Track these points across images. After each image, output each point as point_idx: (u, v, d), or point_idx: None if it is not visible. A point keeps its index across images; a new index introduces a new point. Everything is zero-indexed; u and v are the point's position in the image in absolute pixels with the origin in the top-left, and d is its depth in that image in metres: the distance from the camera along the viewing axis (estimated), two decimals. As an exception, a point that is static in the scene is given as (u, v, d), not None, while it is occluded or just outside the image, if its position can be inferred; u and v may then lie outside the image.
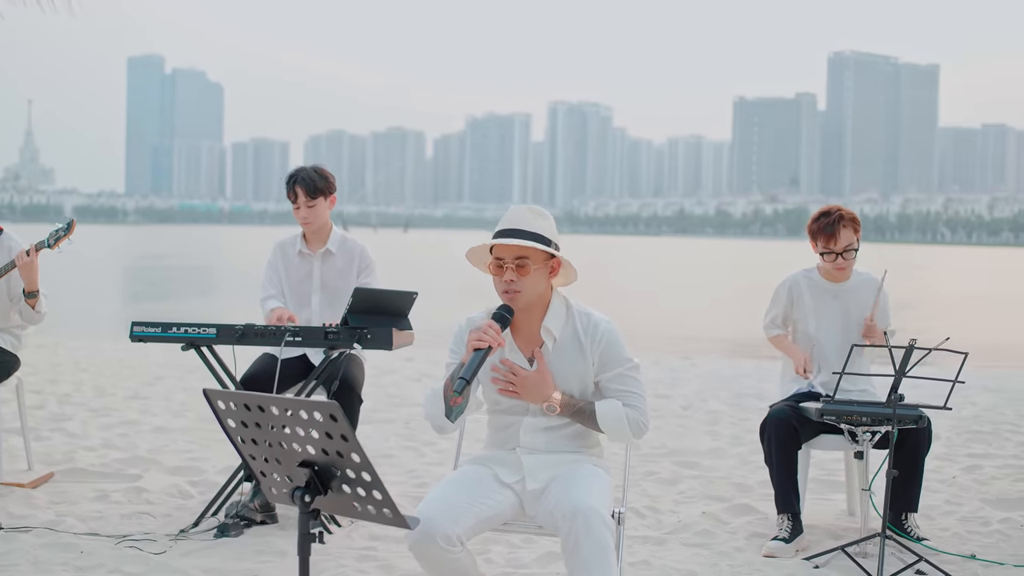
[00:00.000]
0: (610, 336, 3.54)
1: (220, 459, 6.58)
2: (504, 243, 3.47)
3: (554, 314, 3.56)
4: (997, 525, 5.46)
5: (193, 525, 4.99)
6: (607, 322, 3.57)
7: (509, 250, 3.48)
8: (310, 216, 5.43)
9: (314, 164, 5.55)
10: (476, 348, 3.35)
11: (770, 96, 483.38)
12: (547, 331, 3.55)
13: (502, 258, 3.49)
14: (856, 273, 5.42)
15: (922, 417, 4.71)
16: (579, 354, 3.54)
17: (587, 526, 3.18)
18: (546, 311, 3.57)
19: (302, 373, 5.43)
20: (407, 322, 4.99)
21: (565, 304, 3.60)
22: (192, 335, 4.96)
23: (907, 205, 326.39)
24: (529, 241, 3.46)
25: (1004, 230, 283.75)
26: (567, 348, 3.55)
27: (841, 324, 5.36)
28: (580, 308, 3.60)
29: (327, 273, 5.53)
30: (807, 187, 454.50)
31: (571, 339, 3.55)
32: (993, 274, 50.05)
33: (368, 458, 2.74)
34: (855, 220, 5.27)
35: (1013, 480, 6.55)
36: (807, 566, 4.69)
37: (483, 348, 3.35)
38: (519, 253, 3.47)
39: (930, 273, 53.19)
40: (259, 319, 5.40)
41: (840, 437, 5.15)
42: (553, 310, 3.57)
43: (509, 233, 3.48)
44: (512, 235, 3.48)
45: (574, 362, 3.54)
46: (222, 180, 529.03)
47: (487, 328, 3.38)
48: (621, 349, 3.56)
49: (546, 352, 3.55)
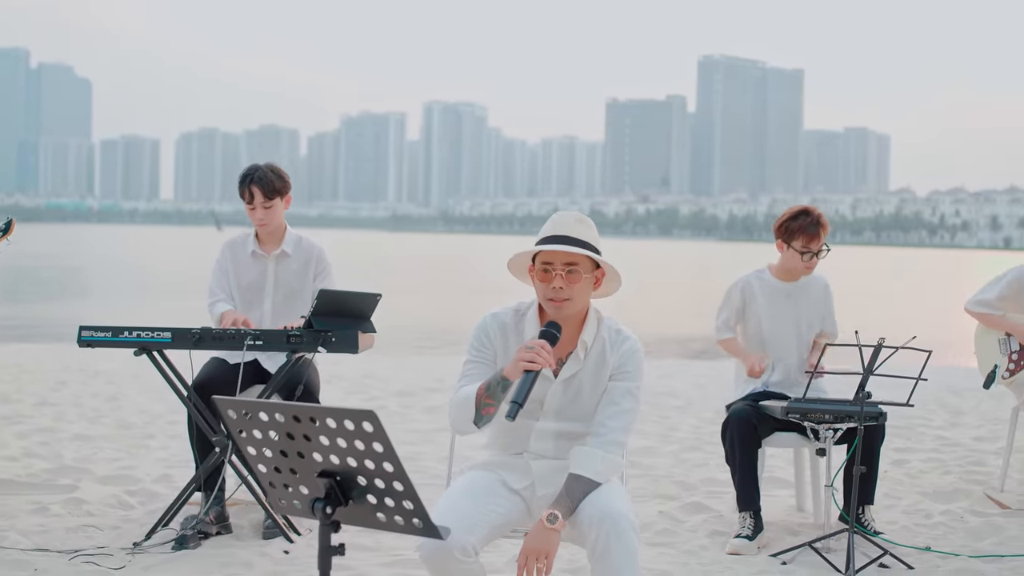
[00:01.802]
0: (633, 350, 3.49)
1: (151, 467, 6.36)
2: (556, 249, 3.38)
3: (590, 327, 3.50)
4: (939, 517, 5.61)
5: (145, 538, 4.80)
6: (634, 339, 3.52)
7: (559, 256, 3.38)
8: (267, 217, 5.27)
9: (268, 162, 5.39)
10: (527, 370, 3.25)
11: (642, 98, 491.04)
12: (583, 344, 3.47)
13: (550, 264, 3.40)
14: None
15: (883, 414, 4.82)
16: (602, 368, 3.48)
17: (617, 531, 3.14)
18: (583, 324, 3.50)
19: (254, 378, 5.27)
20: (370, 324, 4.89)
21: (597, 317, 3.54)
22: (145, 339, 4.77)
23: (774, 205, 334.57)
24: (581, 249, 3.39)
25: (866, 230, 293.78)
26: (592, 363, 3.49)
27: (794, 323, 5.44)
28: (611, 323, 3.54)
29: (282, 275, 5.38)
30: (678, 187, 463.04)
31: (597, 355, 3.49)
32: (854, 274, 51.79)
33: (403, 467, 2.66)
34: (827, 222, 5.39)
35: (940, 473, 6.74)
36: (775, 563, 4.74)
37: (535, 370, 3.25)
38: (570, 260, 3.38)
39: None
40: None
41: (795, 435, 5.25)
42: (589, 323, 3.50)
43: (559, 240, 3.40)
44: (562, 242, 3.39)
45: (596, 380, 3.48)
46: (90, 178, 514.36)
47: (540, 350, 3.25)
48: (639, 366, 3.51)
49: (575, 362, 3.47)
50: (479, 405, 3.33)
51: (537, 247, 3.43)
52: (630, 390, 3.48)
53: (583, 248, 3.37)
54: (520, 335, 3.50)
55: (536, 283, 3.46)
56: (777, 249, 5.49)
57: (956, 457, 7.27)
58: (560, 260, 3.39)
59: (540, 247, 3.42)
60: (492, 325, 3.54)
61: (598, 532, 3.16)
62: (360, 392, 9.95)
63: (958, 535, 5.29)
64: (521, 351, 3.27)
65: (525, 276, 3.58)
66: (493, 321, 3.54)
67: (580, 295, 3.41)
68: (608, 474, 3.38)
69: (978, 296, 5.97)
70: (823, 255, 5.38)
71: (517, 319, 3.55)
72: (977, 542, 5.16)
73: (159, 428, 7.76)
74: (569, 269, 3.39)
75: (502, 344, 3.52)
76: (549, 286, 3.39)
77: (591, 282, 3.45)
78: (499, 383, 3.31)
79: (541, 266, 3.42)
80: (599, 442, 3.41)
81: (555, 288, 3.38)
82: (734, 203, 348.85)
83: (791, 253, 5.36)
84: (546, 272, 3.40)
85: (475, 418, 3.34)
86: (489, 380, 3.35)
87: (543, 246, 3.41)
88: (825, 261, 5.41)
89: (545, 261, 3.41)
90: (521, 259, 3.52)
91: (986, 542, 5.15)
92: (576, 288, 3.39)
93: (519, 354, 3.27)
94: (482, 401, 3.33)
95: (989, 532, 5.31)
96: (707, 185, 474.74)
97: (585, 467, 3.35)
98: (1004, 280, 5.91)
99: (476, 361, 3.51)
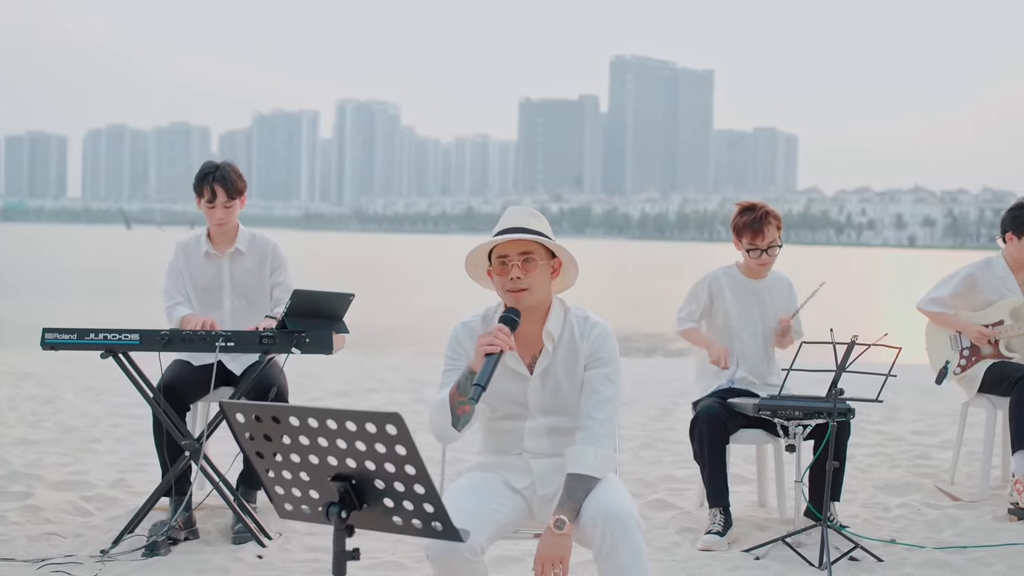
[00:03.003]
0: (604, 335, 3.51)
1: (103, 472, 6.22)
2: (509, 239, 3.40)
3: (554, 318, 3.51)
4: (897, 510, 5.72)
5: (113, 544, 4.68)
6: (604, 324, 3.54)
7: (513, 246, 3.41)
8: (226, 217, 5.18)
9: (225, 160, 5.31)
10: (488, 353, 3.26)
11: (554, 98, 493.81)
12: (548, 335, 3.48)
13: (506, 255, 3.42)
14: (770, 271, 5.56)
15: (851, 410, 4.90)
16: (575, 359, 3.49)
17: (623, 530, 3.15)
18: (547, 316, 3.51)
19: (218, 380, 5.18)
20: (343, 324, 4.83)
21: (563, 308, 3.55)
22: (112, 342, 4.65)
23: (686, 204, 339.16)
24: (533, 235, 3.40)
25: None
26: (563, 353, 3.50)
27: (760, 320, 5.50)
28: (578, 312, 3.56)
29: (238, 273, 5.29)
30: (590, 186, 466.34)
31: (568, 343, 3.50)
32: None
33: (427, 470, 2.63)
34: (778, 217, 5.40)
35: (889, 467, 6.88)
36: (748, 558, 4.79)
37: (495, 352, 3.26)
38: (524, 249, 3.41)
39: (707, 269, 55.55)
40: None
41: (760, 431, 5.32)
42: (553, 314, 3.51)
43: (512, 232, 3.42)
44: (514, 232, 3.41)
45: (569, 369, 3.49)
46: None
47: (497, 332, 3.28)
48: (612, 350, 3.52)
49: (545, 356, 3.49)
50: (453, 406, 3.34)
51: (491, 240, 3.44)
52: (608, 376, 3.49)
53: (536, 236, 3.40)
54: None
55: (495, 279, 3.48)
56: (735, 247, 5.55)
57: (900, 451, 7.42)
58: (515, 251, 3.42)
59: (494, 239, 3.43)
60: (462, 333, 3.55)
61: (604, 532, 3.16)
62: (300, 393, 9.82)
63: (919, 527, 5.39)
64: (480, 338, 3.31)
65: (485, 279, 3.59)
66: (463, 329, 3.56)
67: (538, 284, 3.43)
68: (604, 468, 3.39)
69: (931, 294, 6.10)
70: (774, 251, 5.42)
71: (485, 324, 3.57)
72: (937, 534, 5.27)
73: (103, 431, 7.59)
74: (525, 258, 3.41)
75: (472, 347, 3.51)
76: (507, 278, 3.41)
77: (548, 271, 3.47)
78: (467, 379, 3.32)
79: (498, 260, 3.45)
80: (588, 437, 3.41)
81: (512, 279, 3.40)
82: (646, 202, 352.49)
83: (743, 250, 5.42)
84: (503, 264, 3.43)
85: (452, 420, 3.34)
86: (459, 379, 3.37)
87: (497, 238, 3.43)
88: (723, 260, 5.46)
89: (501, 254, 3.44)
90: (478, 259, 3.53)
91: (946, 533, 5.26)
92: (533, 277, 3.41)
93: (478, 342, 3.30)
94: (456, 401, 3.34)
95: (947, 524, 5.43)
96: (619, 184, 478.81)
97: (581, 465, 3.35)
98: (956, 278, 6.05)
99: (452, 369, 3.52)
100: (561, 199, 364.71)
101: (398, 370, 12.26)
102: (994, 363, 5.96)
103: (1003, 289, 5.98)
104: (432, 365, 13.02)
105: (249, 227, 5.44)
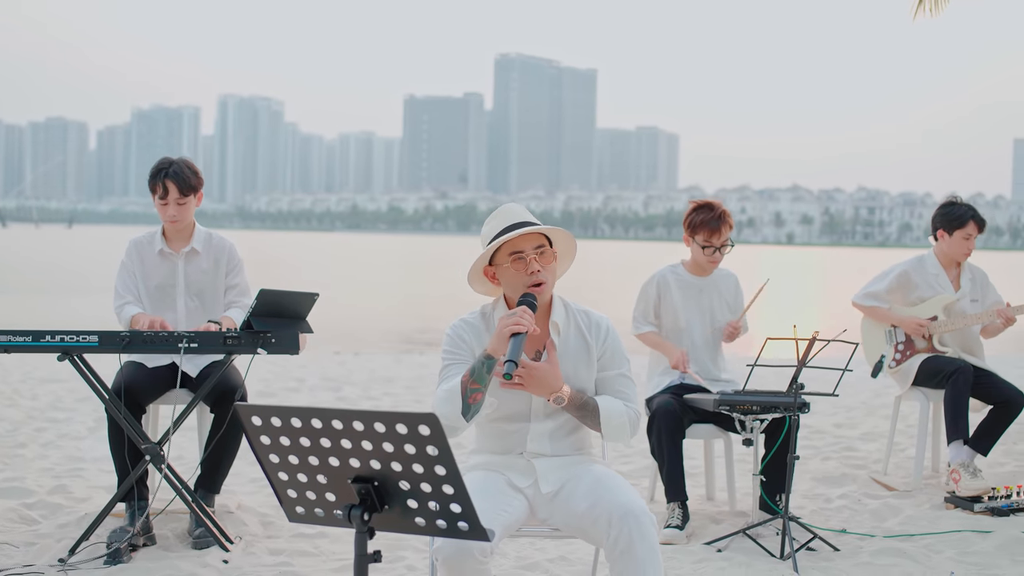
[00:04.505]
0: (614, 334, 3.56)
1: (39, 478, 6.02)
2: (524, 232, 3.40)
3: (558, 311, 3.54)
4: (839, 501, 5.88)
5: (70, 553, 4.54)
6: (608, 320, 3.58)
7: (528, 240, 3.43)
8: (180, 214, 5.08)
9: (180, 156, 5.19)
10: (515, 333, 3.27)
11: (439, 95, 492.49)
12: (555, 326, 3.51)
13: (521, 251, 3.42)
14: (716, 268, 5.67)
15: (806, 404, 5.01)
16: (584, 352, 3.52)
17: (639, 527, 3.17)
18: (550, 308, 3.53)
19: (170, 382, 5.07)
20: (307, 324, 4.76)
21: (563, 302, 3.58)
22: (70, 344, 4.50)
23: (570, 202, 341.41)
24: (541, 227, 3.43)
25: (658, 226, 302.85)
26: (571, 346, 3.52)
27: (709, 317, 5.61)
28: (577, 306, 3.59)
29: (193, 274, 5.19)
30: (475, 184, 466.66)
31: (575, 336, 3.53)
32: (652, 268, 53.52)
33: (458, 469, 2.62)
34: (730, 216, 5.53)
35: (821, 460, 7.06)
36: (710, 550, 4.87)
37: (521, 332, 3.27)
38: (538, 242, 3.44)
39: (593, 265, 56.50)
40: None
41: (710, 426, 5.43)
42: (556, 307, 3.54)
43: (519, 226, 3.43)
44: (526, 226, 3.43)
45: (579, 360, 3.52)
46: None
47: (522, 313, 3.29)
48: (622, 348, 3.58)
49: (552, 347, 3.50)
50: (465, 393, 3.33)
51: (506, 236, 3.43)
52: (624, 374, 3.56)
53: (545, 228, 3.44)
54: (491, 330, 3.51)
55: (510, 275, 3.46)
56: (685, 244, 5.65)
57: (827, 444, 7.62)
58: (530, 245, 3.43)
59: (513, 234, 3.41)
60: (463, 328, 3.55)
61: (620, 529, 3.18)
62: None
63: (864, 517, 5.55)
64: (503, 320, 3.31)
65: (483, 282, 3.59)
66: (463, 324, 3.56)
67: (551, 276, 3.48)
68: (619, 420, 3.45)
69: (867, 289, 6.28)
70: (726, 250, 5.55)
71: (485, 319, 3.57)
72: (882, 523, 5.43)
73: (27, 436, 7.35)
74: (540, 251, 3.44)
75: (476, 342, 3.53)
76: (527, 272, 3.42)
77: (555, 263, 3.50)
78: (483, 364, 3.33)
79: (513, 256, 3.44)
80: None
81: (533, 272, 3.41)
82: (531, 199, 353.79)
83: (696, 247, 5.52)
84: (520, 260, 3.43)
85: (463, 409, 3.33)
86: (472, 366, 3.36)
87: (508, 236, 3.41)
88: (624, 257, 5.58)
89: (515, 250, 3.43)
90: (478, 269, 3.53)
91: (891, 522, 5.43)
92: (549, 268, 3.46)
93: (501, 324, 3.31)
94: (468, 388, 3.33)
95: (890, 513, 5.60)
96: (504, 182, 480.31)
97: (605, 403, 3.46)
98: (892, 274, 6.24)
99: (454, 362, 3.50)
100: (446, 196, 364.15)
101: (311, 368, 12.13)
102: (928, 357, 6.17)
103: (936, 286, 6.19)
104: (341, 362, 12.92)
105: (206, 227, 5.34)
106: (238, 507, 5.36)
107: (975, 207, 6.19)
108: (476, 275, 3.58)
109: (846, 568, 4.63)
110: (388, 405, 9.33)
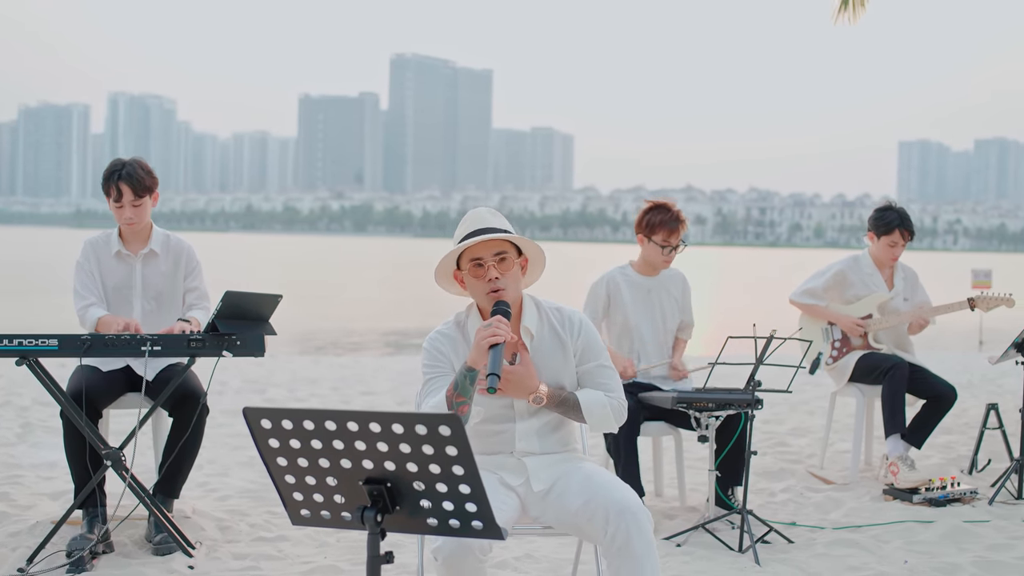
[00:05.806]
0: (588, 327, 3.60)
1: (-23, 486, 5.86)
2: (483, 240, 3.42)
3: (529, 313, 3.57)
4: (782, 495, 6.04)
5: (28, 562, 4.44)
6: (580, 314, 3.63)
7: (487, 247, 3.44)
8: (136, 216, 4.99)
9: (134, 156, 5.10)
10: (493, 344, 3.28)
11: (334, 94, 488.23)
12: (526, 330, 3.54)
13: (480, 257, 3.44)
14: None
15: (760, 401, 5.14)
16: (560, 349, 3.56)
17: (637, 523, 3.21)
18: (521, 312, 3.57)
19: (125, 385, 4.99)
20: (270, 326, 4.72)
21: (534, 303, 3.61)
22: (28, 347, 4.40)
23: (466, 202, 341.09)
24: (503, 235, 3.45)
25: (554, 226, 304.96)
26: (547, 345, 3.56)
27: (658, 316, 5.71)
28: (549, 304, 3.63)
29: (150, 276, 5.11)
30: (372, 184, 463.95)
31: (549, 335, 3.57)
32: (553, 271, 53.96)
33: (476, 468, 2.64)
34: (684, 216, 5.66)
35: (759, 455, 7.20)
36: (669, 545, 4.96)
37: (499, 343, 3.29)
38: (498, 248, 3.45)
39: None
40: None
41: (662, 423, 5.53)
42: (527, 310, 3.57)
43: (481, 232, 3.45)
44: (484, 233, 3.44)
45: (556, 358, 3.55)
46: None
47: (497, 323, 3.31)
48: (598, 340, 3.62)
49: (524, 351, 3.54)
50: (451, 407, 3.34)
51: (466, 243, 3.45)
52: (603, 364, 3.60)
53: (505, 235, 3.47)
54: (468, 340, 3.54)
55: (471, 282, 3.50)
56: (638, 243, 5.74)
57: (759, 439, 7.78)
58: (489, 252, 3.46)
59: (468, 242, 3.44)
60: (439, 340, 3.57)
61: (617, 526, 3.22)
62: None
63: (809, 510, 5.71)
64: (479, 331, 3.33)
65: (452, 283, 3.61)
66: (439, 337, 3.58)
67: (513, 283, 3.49)
68: (601, 411, 3.50)
69: (804, 286, 6.45)
70: (681, 249, 5.66)
71: (460, 329, 3.59)
72: (827, 515, 5.59)
73: (-46, 444, 7.14)
74: (500, 258, 3.46)
75: (454, 354, 3.55)
76: (485, 279, 3.45)
77: (519, 269, 3.53)
78: (466, 376, 3.35)
79: (472, 263, 3.47)
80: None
81: (492, 280, 3.44)
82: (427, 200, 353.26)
83: (652, 247, 5.61)
84: (479, 267, 3.46)
85: None
86: (455, 379, 3.38)
87: (469, 242, 3.44)
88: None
89: (475, 257, 3.46)
90: (447, 265, 3.55)
91: (835, 514, 5.59)
92: (509, 276, 3.47)
93: (478, 336, 3.32)
94: (454, 402, 3.35)
95: (832, 505, 5.77)
96: (400, 182, 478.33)
97: (588, 395, 3.51)
98: (829, 272, 6.42)
99: (435, 376, 3.52)
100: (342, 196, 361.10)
101: (231, 372, 11.97)
102: (864, 354, 6.36)
103: (871, 285, 6.39)
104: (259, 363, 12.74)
105: (163, 228, 5.26)
106: (194, 512, 5.29)
107: (907, 214, 6.38)
108: (443, 277, 3.60)
109: (804, 559, 4.76)
110: (317, 404, 9.24)
